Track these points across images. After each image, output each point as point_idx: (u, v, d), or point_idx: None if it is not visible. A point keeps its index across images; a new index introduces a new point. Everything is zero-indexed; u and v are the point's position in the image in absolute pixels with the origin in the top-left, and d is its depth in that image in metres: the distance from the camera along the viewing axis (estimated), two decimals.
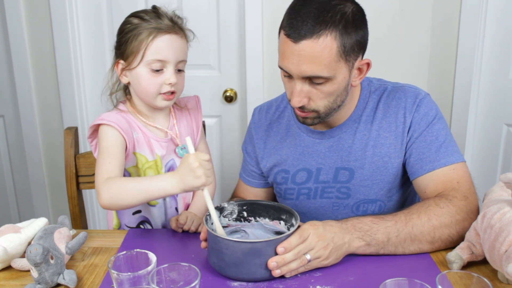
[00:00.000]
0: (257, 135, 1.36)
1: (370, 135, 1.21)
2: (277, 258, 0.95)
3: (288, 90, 1.15)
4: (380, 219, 1.05)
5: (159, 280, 0.84)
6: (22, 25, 2.12)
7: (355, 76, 1.13)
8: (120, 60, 1.20)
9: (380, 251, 1.04)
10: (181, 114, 1.33)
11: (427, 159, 1.16)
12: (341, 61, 1.06)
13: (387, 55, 2.01)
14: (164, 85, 1.18)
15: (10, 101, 2.29)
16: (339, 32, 1.03)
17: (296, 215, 1.04)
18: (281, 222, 1.09)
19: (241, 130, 2.22)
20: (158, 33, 1.15)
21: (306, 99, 1.11)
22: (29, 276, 1.00)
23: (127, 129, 1.19)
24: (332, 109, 1.14)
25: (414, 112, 1.18)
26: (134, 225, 1.31)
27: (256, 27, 2.04)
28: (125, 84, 1.24)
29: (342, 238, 1.00)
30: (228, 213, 1.12)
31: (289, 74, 1.10)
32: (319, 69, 1.05)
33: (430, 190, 1.14)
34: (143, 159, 1.23)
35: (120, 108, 1.25)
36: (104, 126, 1.17)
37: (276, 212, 1.10)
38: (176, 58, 1.18)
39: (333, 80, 1.08)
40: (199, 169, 1.00)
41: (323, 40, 1.03)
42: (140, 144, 1.22)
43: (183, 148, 1.28)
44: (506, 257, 0.87)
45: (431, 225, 1.04)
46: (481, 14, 1.88)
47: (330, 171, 1.24)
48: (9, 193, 2.44)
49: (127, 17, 1.21)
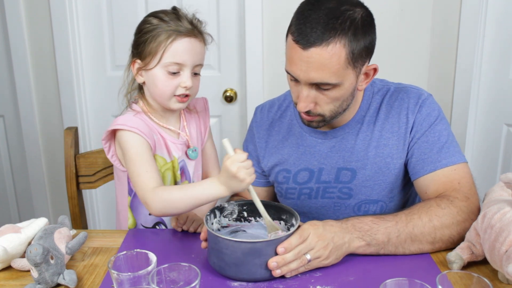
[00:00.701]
0: (258, 134, 1.36)
1: (372, 135, 1.21)
2: (277, 258, 0.95)
3: (294, 94, 1.14)
4: (381, 219, 1.05)
5: (159, 280, 0.84)
6: (22, 25, 2.12)
7: (361, 81, 1.14)
8: (136, 60, 1.20)
9: (380, 251, 1.04)
10: (190, 116, 1.33)
11: (428, 160, 1.16)
12: (349, 68, 1.06)
13: (387, 55, 2.01)
14: (179, 88, 1.18)
15: (10, 101, 2.29)
16: (348, 39, 1.03)
17: (296, 215, 1.04)
18: (281, 222, 1.09)
19: (241, 130, 2.22)
20: (177, 36, 1.14)
21: (313, 104, 1.11)
22: (29, 276, 1.00)
23: (149, 133, 1.18)
24: (338, 113, 1.15)
25: (417, 112, 1.19)
26: (150, 225, 1.30)
27: (256, 27, 2.04)
28: (140, 83, 1.24)
29: (342, 238, 1.00)
30: (228, 213, 1.12)
31: (296, 79, 1.10)
32: (327, 77, 1.05)
33: (431, 190, 1.14)
34: (161, 161, 1.23)
35: (134, 109, 1.23)
36: (126, 132, 1.15)
37: (276, 212, 1.10)
38: (194, 62, 1.17)
39: (340, 86, 1.08)
40: (239, 173, 0.99)
41: (332, 48, 1.02)
42: (159, 146, 1.22)
43: (194, 151, 1.29)
44: (506, 257, 0.87)
45: (432, 225, 1.04)
46: (481, 14, 1.88)
47: (332, 171, 1.24)
48: (9, 193, 2.44)
49: (146, 17, 1.20)
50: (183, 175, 1.30)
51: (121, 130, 1.16)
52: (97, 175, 1.50)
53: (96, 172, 1.50)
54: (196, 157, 1.30)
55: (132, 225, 1.31)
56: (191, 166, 1.31)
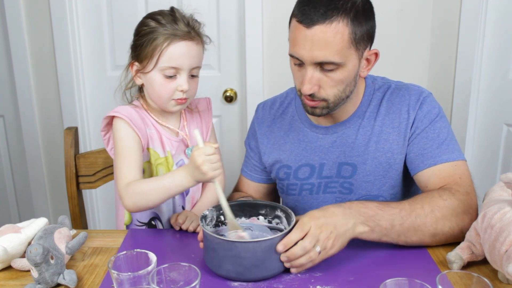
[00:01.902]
0: (260, 130, 1.36)
1: (373, 131, 1.22)
2: (286, 253, 0.95)
3: (298, 79, 1.15)
4: (385, 206, 1.04)
5: (159, 280, 0.84)
6: (22, 25, 2.12)
7: (363, 67, 1.15)
8: (135, 62, 1.21)
9: (382, 238, 1.04)
10: (191, 116, 1.33)
11: (428, 155, 1.16)
12: (351, 48, 1.08)
13: (387, 55, 2.00)
14: (177, 92, 1.18)
15: (10, 101, 2.29)
16: (350, 19, 1.06)
17: (290, 212, 1.03)
18: (275, 219, 1.09)
19: (241, 130, 2.22)
20: (173, 40, 1.15)
21: (317, 86, 1.11)
22: (29, 276, 1.00)
23: (140, 124, 1.19)
24: (341, 98, 1.15)
25: (418, 109, 1.19)
26: (146, 221, 1.31)
27: (256, 27, 2.04)
28: (139, 85, 1.25)
29: (346, 224, 0.99)
30: (209, 220, 1.09)
31: (300, 62, 1.11)
32: (331, 54, 1.06)
33: (432, 185, 1.15)
34: (155, 155, 1.24)
35: (134, 104, 1.26)
36: (118, 120, 1.18)
37: (271, 210, 1.09)
38: (190, 65, 1.18)
39: (343, 67, 1.09)
40: (203, 165, 1.03)
41: (335, 26, 1.05)
42: (153, 140, 1.23)
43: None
44: (506, 257, 0.87)
45: (434, 216, 1.04)
46: (481, 14, 1.88)
47: (334, 166, 1.25)
48: (9, 193, 2.44)
49: (145, 18, 1.20)
50: None
51: (115, 118, 1.18)
52: (97, 175, 1.50)
53: (96, 172, 1.50)
54: None
55: (128, 221, 1.31)
56: None
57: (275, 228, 1.10)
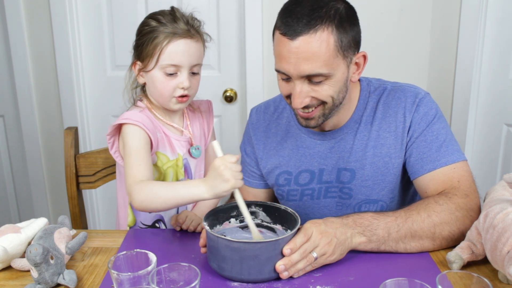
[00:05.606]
0: (255, 136, 1.35)
1: (370, 135, 1.21)
2: (284, 261, 0.94)
3: (285, 93, 1.13)
4: (380, 215, 1.05)
5: (159, 280, 0.84)
6: (22, 25, 2.12)
7: (353, 72, 1.13)
8: (137, 61, 1.23)
9: (381, 247, 1.04)
10: (194, 116, 1.35)
11: (427, 159, 1.15)
12: (338, 57, 1.06)
13: (387, 55, 2.01)
14: (178, 89, 1.20)
15: (10, 101, 2.29)
16: (335, 27, 1.04)
17: (296, 216, 1.04)
18: (278, 224, 1.10)
19: (241, 130, 2.22)
20: (172, 38, 1.17)
21: (308, 98, 1.09)
22: (29, 276, 1.00)
23: (153, 129, 1.20)
24: (335, 105, 1.13)
25: (414, 112, 1.18)
26: (150, 223, 1.31)
27: (256, 27, 2.04)
28: (142, 84, 1.27)
29: (345, 233, 1.00)
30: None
31: (287, 77, 1.09)
32: (318, 66, 1.04)
33: (431, 190, 1.14)
34: (164, 158, 1.25)
35: (139, 106, 1.26)
36: (130, 125, 1.18)
37: (278, 215, 1.09)
38: (190, 63, 1.19)
39: (332, 78, 1.07)
40: (226, 171, 0.98)
41: (320, 35, 1.02)
42: (162, 144, 1.24)
43: (197, 149, 1.30)
44: (508, 258, 0.87)
45: (431, 221, 1.04)
46: (481, 14, 1.88)
47: (333, 171, 1.24)
48: (9, 193, 2.44)
49: (146, 18, 1.22)
50: (186, 173, 1.30)
51: (125, 125, 1.18)
52: (97, 175, 1.50)
53: (96, 172, 1.50)
54: (199, 155, 1.31)
55: (131, 222, 1.31)
56: (193, 165, 1.32)
57: (258, 225, 1.10)
